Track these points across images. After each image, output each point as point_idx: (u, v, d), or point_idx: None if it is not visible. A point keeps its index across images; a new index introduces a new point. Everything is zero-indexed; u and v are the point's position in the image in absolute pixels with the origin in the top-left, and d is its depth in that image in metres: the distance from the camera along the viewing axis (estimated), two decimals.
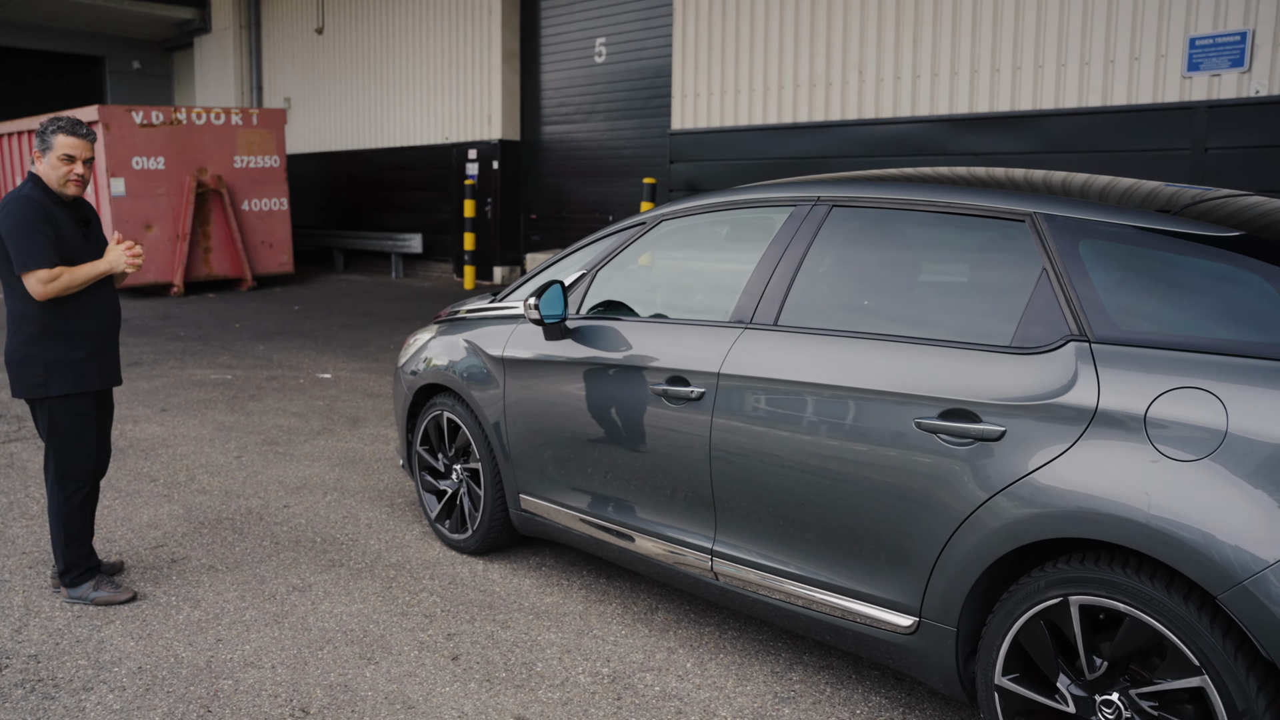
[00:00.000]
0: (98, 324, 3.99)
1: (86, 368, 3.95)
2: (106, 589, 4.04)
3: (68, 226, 3.90)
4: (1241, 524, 2.24)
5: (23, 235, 3.75)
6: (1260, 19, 8.22)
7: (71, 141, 3.87)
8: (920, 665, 2.90)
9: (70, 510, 4.00)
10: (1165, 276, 2.59)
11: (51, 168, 3.87)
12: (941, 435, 2.74)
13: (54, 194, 3.90)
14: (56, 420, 3.95)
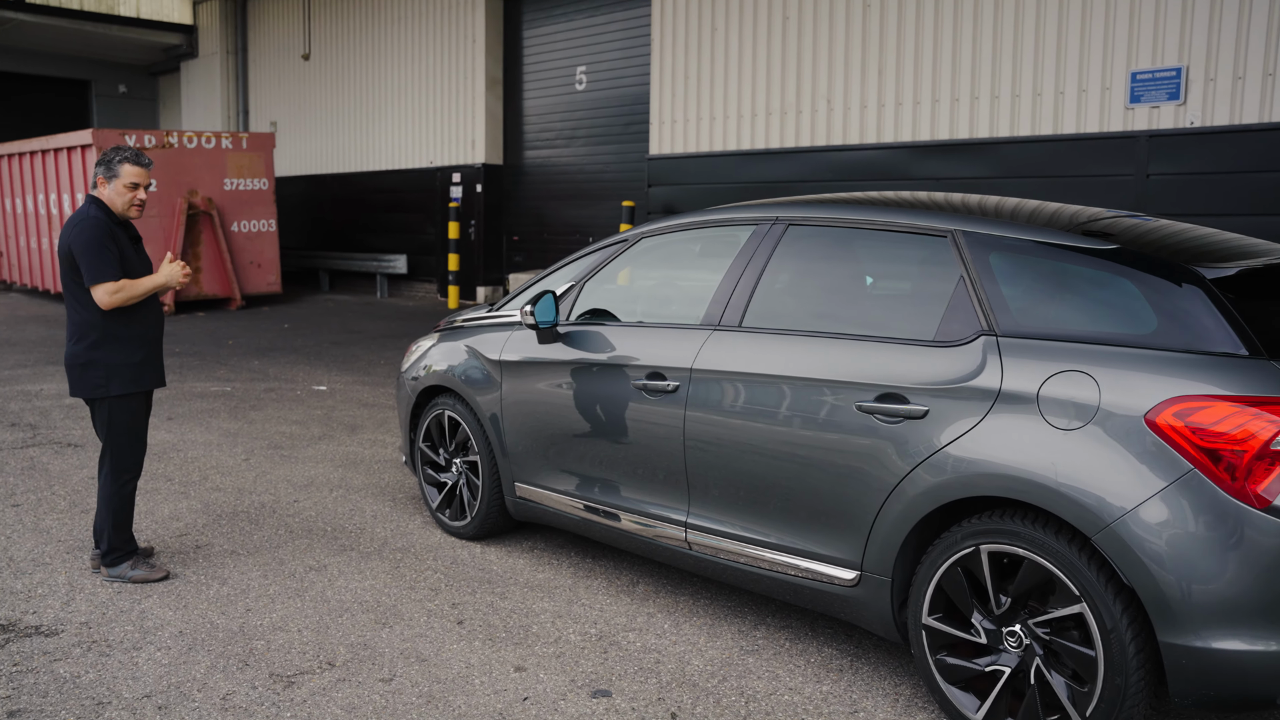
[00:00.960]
0: (149, 331, 4.48)
1: (140, 370, 4.43)
2: (143, 568, 4.49)
3: (125, 244, 4.39)
4: (1109, 479, 2.78)
5: (93, 252, 4.22)
6: (1193, 56, 8.90)
7: (137, 170, 4.37)
8: (863, 613, 3.42)
9: (120, 499, 4.45)
10: (1057, 281, 3.14)
11: (117, 194, 4.35)
12: (877, 415, 3.27)
13: (113, 215, 4.38)
14: (114, 418, 4.41)
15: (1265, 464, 2.65)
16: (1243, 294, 2.93)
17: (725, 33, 12.65)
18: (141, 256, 4.51)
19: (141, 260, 4.49)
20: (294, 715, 3.33)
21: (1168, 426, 2.74)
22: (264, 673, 3.63)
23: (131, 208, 4.38)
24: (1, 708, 3.38)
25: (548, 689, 3.52)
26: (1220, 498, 2.67)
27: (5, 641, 3.87)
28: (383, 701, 3.42)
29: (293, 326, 13.78)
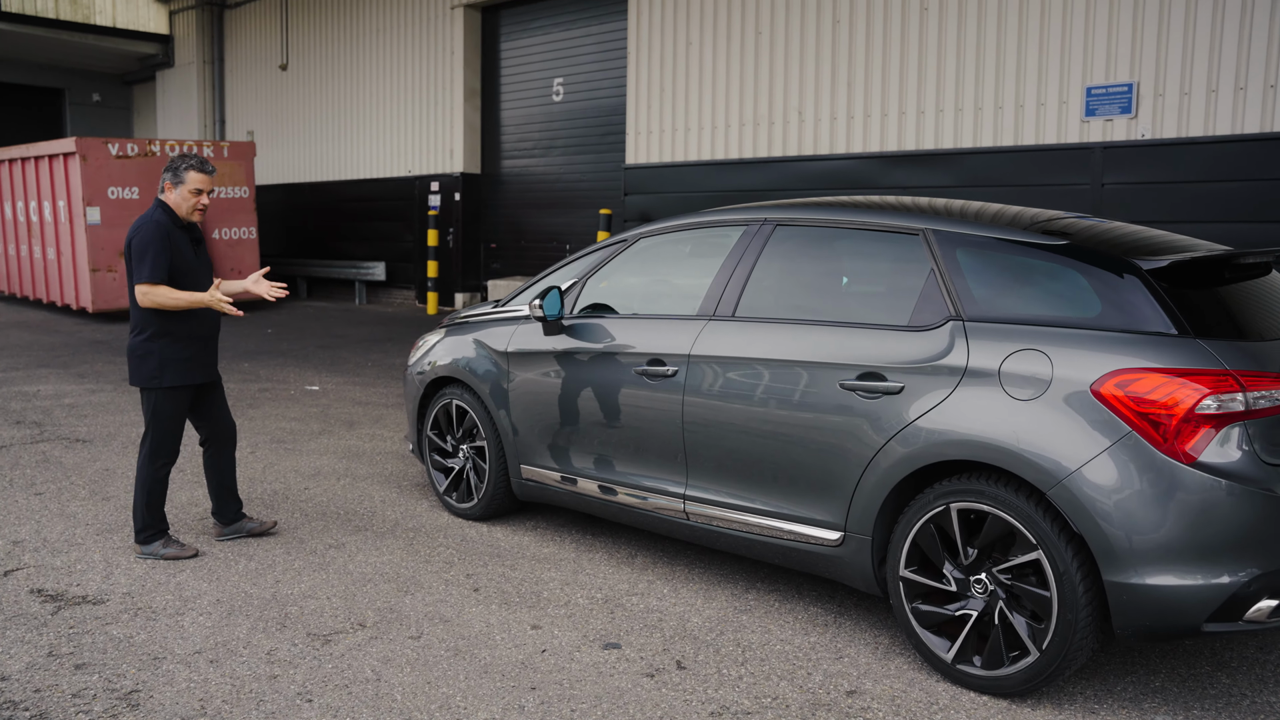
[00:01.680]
0: (201, 329, 4.78)
1: (191, 365, 4.74)
2: (173, 547, 4.82)
3: (184, 246, 4.71)
4: (1060, 441, 3.21)
5: (143, 252, 4.58)
6: (1143, 72, 9.45)
7: (201, 177, 4.69)
8: (846, 570, 3.83)
9: (155, 481, 4.78)
10: (1015, 273, 3.57)
11: (182, 199, 4.68)
12: (858, 392, 3.69)
13: (177, 218, 4.71)
14: (160, 407, 4.73)
15: (1191, 426, 3.09)
16: (1174, 283, 3.38)
17: (700, 46, 13.10)
18: (202, 258, 4.83)
19: (201, 261, 4.82)
20: (334, 667, 3.68)
21: (1110, 395, 3.18)
22: (302, 632, 3.98)
23: (195, 212, 4.72)
24: (69, 661, 3.70)
25: (563, 643, 3.89)
26: (1154, 455, 3.11)
27: (57, 609, 4.19)
28: (414, 655, 3.78)
29: (276, 331, 14.03)
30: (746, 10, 12.57)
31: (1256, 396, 3.12)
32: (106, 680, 3.56)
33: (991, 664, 3.40)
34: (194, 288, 4.72)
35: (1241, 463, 3.10)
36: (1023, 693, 3.37)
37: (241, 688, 3.52)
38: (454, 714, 3.34)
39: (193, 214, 4.72)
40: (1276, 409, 3.15)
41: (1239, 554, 3.08)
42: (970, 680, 3.45)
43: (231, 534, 5.05)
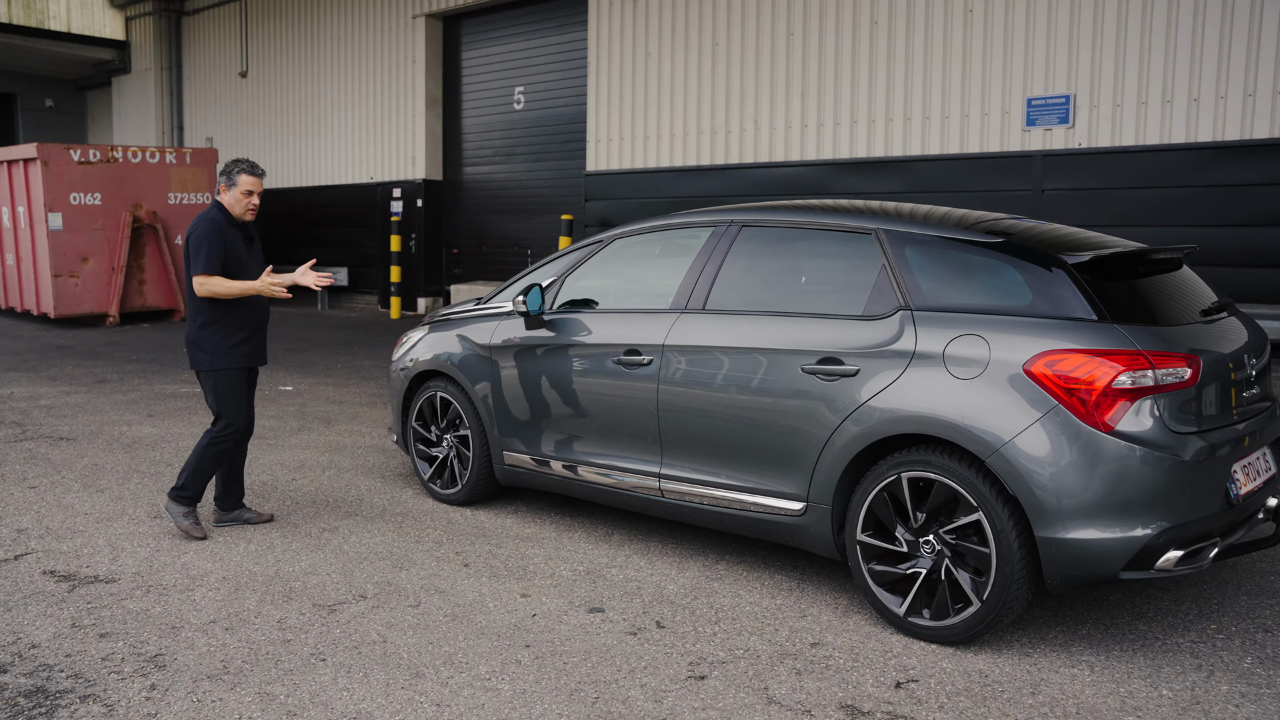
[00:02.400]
0: (250, 317, 5.15)
1: (239, 350, 5.12)
2: (189, 521, 5.13)
3: (237, 243, 5.09)
4: (997, 415, 3.63)
5: (199, 246, 4.96)
6: (1079, 84, 10.02)
7: (252, 180, 5.08)
8: (808, 538, 4.22)
9: (212, 450, 5.14)
10: (957, 268, 4.00)
11: (235, 200, 5.08)
12: (818, 375, 4.09)
13: (231, 217, 5.10)
14: (218, 388, 5.12)
15: (1109, 399, 3.52)
16: (1095, 275, 3.82)
17: (658, 56, 13.52)
18: (254, 254, 5.21)
19: (254, 257, 5.20)
20: (342, 631, 4.00)
21: (1039, 374, 3.61)
22: (308, 603, 4.29)
23: (247, 211, 5.11)
24: (92, 631, 3.98)
25: (551, 608, 4.25)
26: (1078, 425, 3.54)
27: (72, 588, 4.45)
28: (415, 620, 4.11)
29: None
30: (704, 23, 13.01)
31: (1165, 374, 3.56)
32: (131, 646, 3.85)
33: (939, 615, 3.81)
34: (249, 275, 5.10)
35: (1153, 431, 3.54)
36: (967, 640, 3.79)
37: (259, 650, 3.82)
38: (458, 667, 3.68)
39: (245, 214, 5.12)
40: (1182, 384, 3.60)
41: (1150, 511, 3.52)
42: (921, 631, 3.86)
43: (229, 521, 5.34)
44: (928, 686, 3.52)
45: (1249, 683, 3.55)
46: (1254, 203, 9.08)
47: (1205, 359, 3.71)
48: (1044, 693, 3.47)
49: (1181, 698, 3.44)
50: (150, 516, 5.51)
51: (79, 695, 3.46)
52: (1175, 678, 3.59)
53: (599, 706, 3.39)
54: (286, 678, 3.59)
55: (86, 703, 3.41)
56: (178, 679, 3.58)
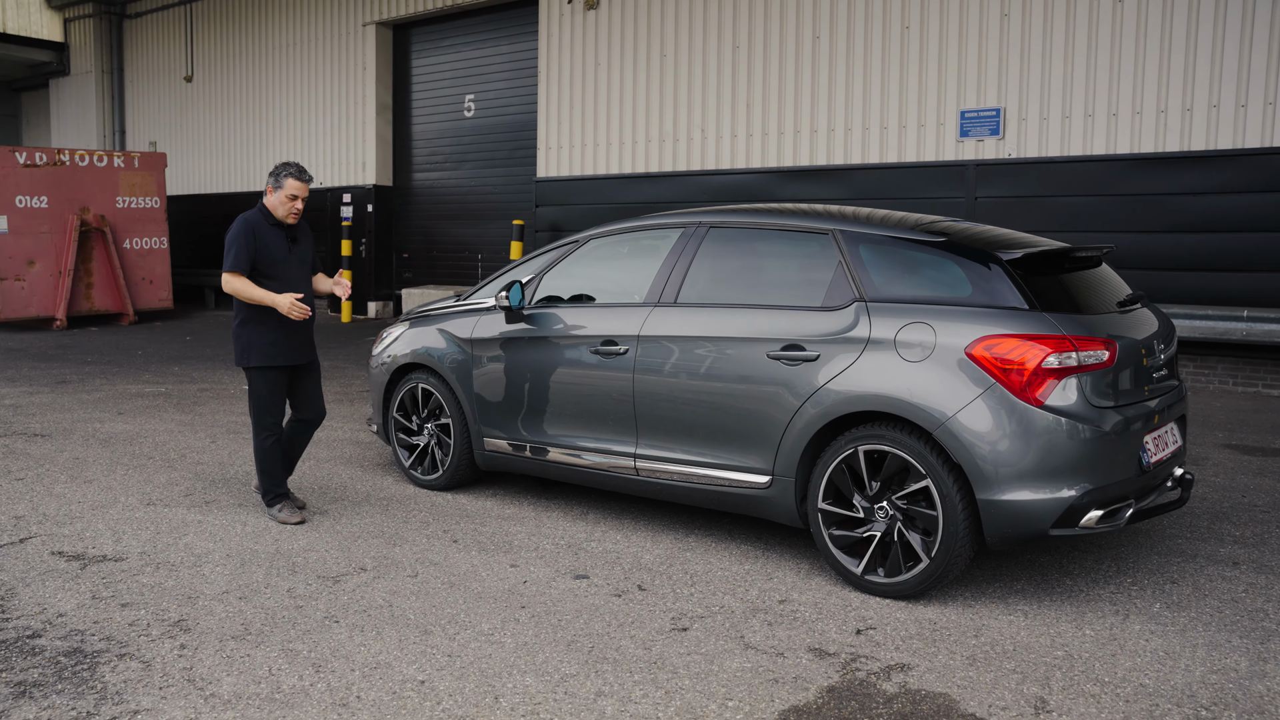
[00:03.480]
0: (284, 317, 5.24)
1: (275, 348, 5.26)
2: (286, 512, 5.40)
3: (275, 243, 5.25)
4: (942, 393, 4.11)
5: (230, 245, 5.17)
6: (1009, 99, 10.68)
7: (298, 185, 5.24)
8: (773, 508, 4.66)
9: (261, 451, 5.36)
10: (906, 264, 4.48)
11: (280, 202, 5.24)
12: (782, 360, 4.54)
13: (271, 218, 5.27)
14: (252, 385, 5.34)
15: (1039, 378, 4.02)
16: (1026, 271, 4.33)
17: (608, 67, 13.95)
18: (296, 254, 5.34)
19: (296, 258, 5.34)
20: (350, 598, 4.34)
21: (979, 356, 4.10)
22: (312, 575, 4.62)
23: (290, 215, 5.27)
24: (113, 601, 4.27)
25: (539, 576, 4.63)
26: (1013, 401, 4.03)
27: (83, 566, 4.72)
28: (416, 588, 4.46)
29: (195, 339, 14.29)
30: (652, 34, 13.48)
31: (1086, 355, 4.08)
32: (153, 613, 4.15)
33: (892, 573, 4.27)
34: (282, 280, 5.25)
35: (1077, 405, 4.05)
36: (918, 594, 4.26)
37: (274, 614, 4.15)
38: (462, 625, 4.04)
39: (289, 216, 5.27)
40: (1101, 365, 4.12)
41: (1075, 474, 4.03)
42: (876, 588, 4.32)
43: (271, 515, 5.45)
44: (884, 632, 3.98)
45: (1158, 623, 4.07)
46: (1168, 211, 9.79)
47: (1121, 343, 4.24)
48: (985, 635, 3.95)
49: (1102, 636, 3.95)
50: (144, 504, 5.76)
51: (115, 654, 3.76)
52: (1096, 620, 4.10)
53: (595, 654, 3.79)
54: (305, 637, 3.93)
55: (124, 660, 3.71)
56: (204, 639, 3.89)
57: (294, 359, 5.39)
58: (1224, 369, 9.80)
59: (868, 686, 3.53)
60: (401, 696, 3.45)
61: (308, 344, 5.46)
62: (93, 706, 3.36)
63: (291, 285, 5.32)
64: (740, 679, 3.58)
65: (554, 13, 14.48)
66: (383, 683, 3.55)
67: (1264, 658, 3.76)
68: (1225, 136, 9.52)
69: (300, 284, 5.39)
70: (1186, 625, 4.05)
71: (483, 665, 3.69)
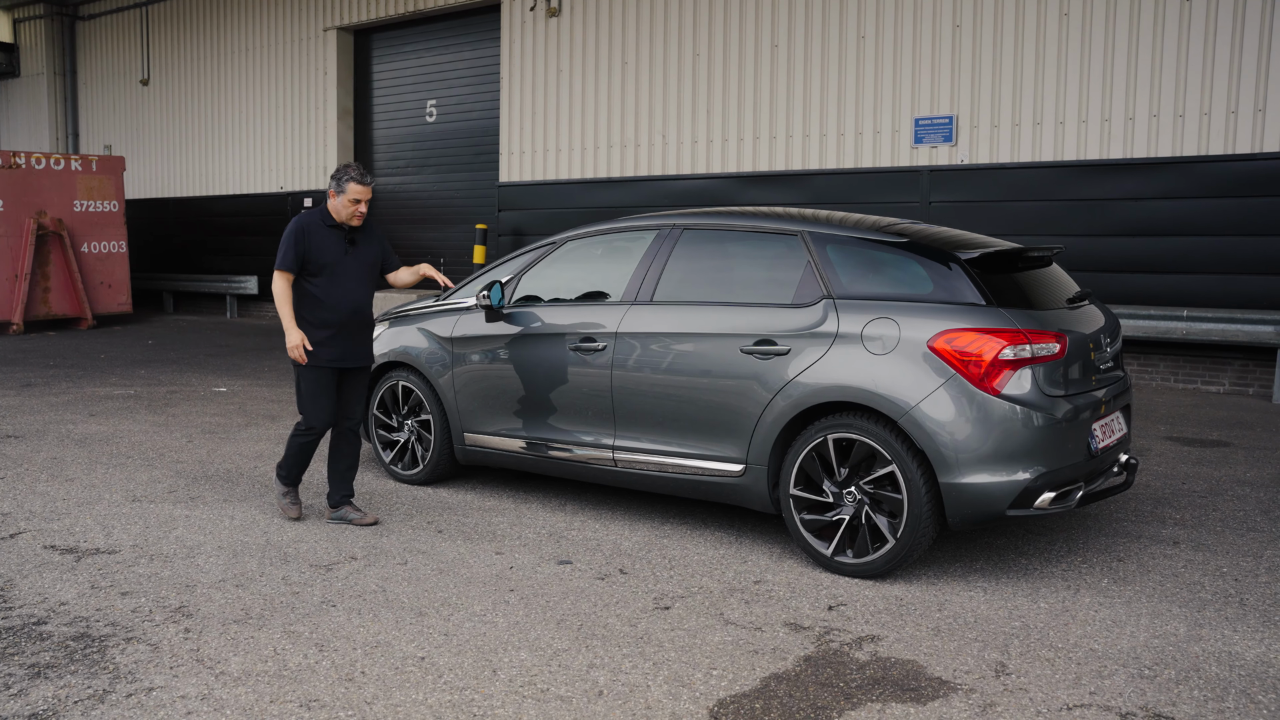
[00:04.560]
0: (332, 317, 5.20)
1: (320, 349, 5.19)
2: (287, 501, 5.49)
3: (331, 244, 5.20)
4: (906, 383, 4.39)
5: (281, 243, 5.16)
6: (960, 107, 11.07)
7: (359, 189, 5.18)
8: (747, 495, 4.92)
9: (295, 445, 5.37)
10: (871, 263, 4.75)
11: (342, 206, 5.19)
12: (755, 354, 4.80)
13: (331, 219, 5.23)
14: (298, 383, 5.30)
15: (996, 369, 4.32)
16: (983, 269, 4.62)
17: (570, 73, 14.18)
18: (356, 257, 5.28)
19: (354, 260, 5.27)
20: (344, 584, 4.51)
21: (940, 348, 4.38)
22: (305, 564, 4.78)
23: (352, 218, 5.22)
24: (113, 590, 4.41)
25: (524, 562, 4.84)
26: (972, 390, 4.32)
27: (78, 558, 4.84)
28: (407, 574, 4.65)
29: (157, 343, 14.26)
30: (614, 42, 13.73)
31: (1039, 347, 4.38)
32: (154, 601, 4.30)
33: (861, 553, 4.54)
34: (334, 282, 5.21)
35: (1031, 394, 4.35)
36: (885, 573, 4.53)
37: (273, 600, 4.32)
38: (454, 608, 4.24)
39: (351, 219, 5.23)
40: (1053, 357, 4.42)
41: (1029, 459, 4.32)
42: (845, 568, 4.59)
43: (337, 520, 5.45)
44: (855, 608, 4.25)
45: (1106, 595, 4.39)
46: (1112, 215, 10.23)
47: (1071, 337, 4.55)
48: (948, 609, 4.23)
49: (1055, 608, 4.25)
50: (129, 500, 5.88)
51: (122, 638, 3.90)
52: (1050, 594, 4.40)
53: (584, 630, 4.01)
54: (305, 620, 4.10)
55: (131, 643, 3.86)
56: (208, 624, 4.05)
57: (340, 361, 5.28)
58: (1165, 366, 10.25)
59: (841, 655, 3.79)
60: (404, 671, 3.64)
61: (358, 349, 5.37)
62: (108, 685, 3.51)
63: (344, 287, 5.24)
64: (722, 651, 3.82)
65: (516, 19, 14.68)
66: (384, 659, 3.74)
67: (1200, 624, 4.08)
68: (1165, 144, 9.97)
69: (354, 286, 5.29)
70: (1131, 597, 4.37)
71: (478, 642, 3.89)
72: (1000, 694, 3.48)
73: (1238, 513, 5.68)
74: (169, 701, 3.40)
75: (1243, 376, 9.86)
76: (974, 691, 3.49)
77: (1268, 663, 3.74)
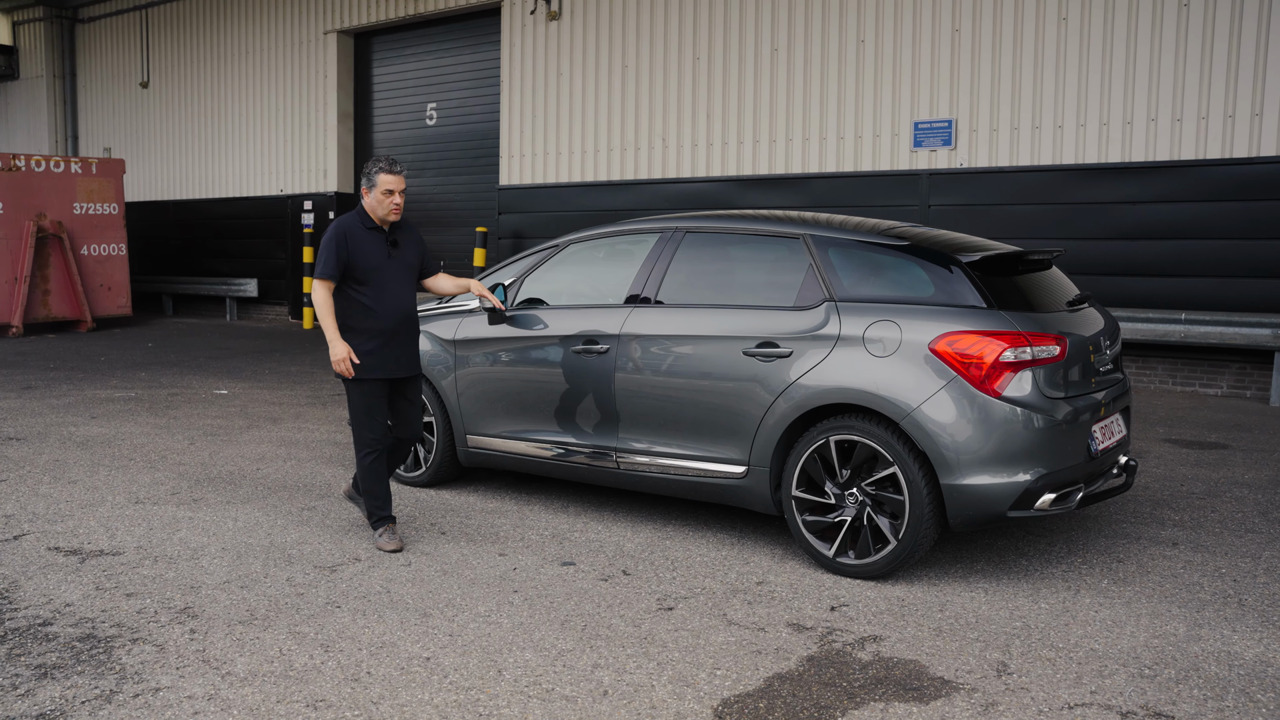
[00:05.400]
0: (380, 325, 4.89)
1: (370, 360, 4.87)
2: (387, 536, 5.00)
3: (373, 247, 4.87)
4: (908, 385, 4.42)
5: (322, 250, 4.85)
6: (960, 110, 11.11)
7: (389, 178, 4.83)
8: (749, 497, 4.94)
9: (363, 469, 5.01)
10: (872, 266, 4.78)
11: (377, 201, 4.85)
12: (758, 357, 4.82)
13: (370, 220, 4.91)
14: (350, 398, 4.98)
15: (997, 371, 4.34)
16: (984, 272, 4.65)
17: (570, 77, 14.21)
18: (398, 259, 4.95)
19: (397, 263, 4.94)
20: (348, 585, 4.53)
21: (941, 351, 4.41)
22: (309, 565, 4.80)
23: (390, 212, 4.87)
24: (118, 592, 4.42)
25: (528, 563, 4.86)
26: (973, 392, 4.35)
27: (82, 560, 4.86)
28: (411, 575, 4.67)
29: (157, 345, 14.28)
30: (614, 45, 13.76)
31: (1040, 350, 4.41)
32: (159, 602, 4.31)
33: (862, 554, 4.57)
34: (380, 287, 4.90)
35: (1031, 396, 4.38)
36: (886, 574, 4.55)
37: (278, 601, 4.34)
38: (459, 608, 4.26)
39: (389, 214, 4.89)
40: (1053, 359, 4.45)
41: (1030, 460, 4.35)
42: (847, 569, 4.61)
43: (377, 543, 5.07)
44: (857, 608, 4.27)
45: (1106, 596, 4.41)
46: (1111, 218, 10.27)
47: (1071, 339, 4.58)
48: (950, 609, 4.26)
49: (1055, 608, 4.27)
50: (132, 502, 5.89)
51: (128, 639, 3.92)
52: (1051, 595, 4.43)
53: (589, 631, 4.03)
54: (310, 620, 4.12)
55: (138, 644, 3.88)
56: (213, 625, 4.07)
57: (392, 372, 4.99)
58: (1164, 369, 10.28)
59: (844, 655, 3.81)
60: (409, 671, 3.66)
61: (409, 357, 5.08)
62: (115, 685, 3.53)
63: (390, 292, 4.95)
64: (726, 651, 3.85)
65: (516, 23, 14.72)
66: (390, 660, 3.76)
67: (1199, 624, 4.11)
68: (1163, 148, 10.01)
69: (401, 291, 5.00)
70: (1131, 598, 4.39)
71: (483, 643, 3.91)
72: (1002, 693, 3.50)
73: (1236, 514, 5.71)
74: (175, 701, 3.42)
75: (1240, 379, 9.90)
76: (976, 691, 3.52)
77: (1266, 662, 3.76)
